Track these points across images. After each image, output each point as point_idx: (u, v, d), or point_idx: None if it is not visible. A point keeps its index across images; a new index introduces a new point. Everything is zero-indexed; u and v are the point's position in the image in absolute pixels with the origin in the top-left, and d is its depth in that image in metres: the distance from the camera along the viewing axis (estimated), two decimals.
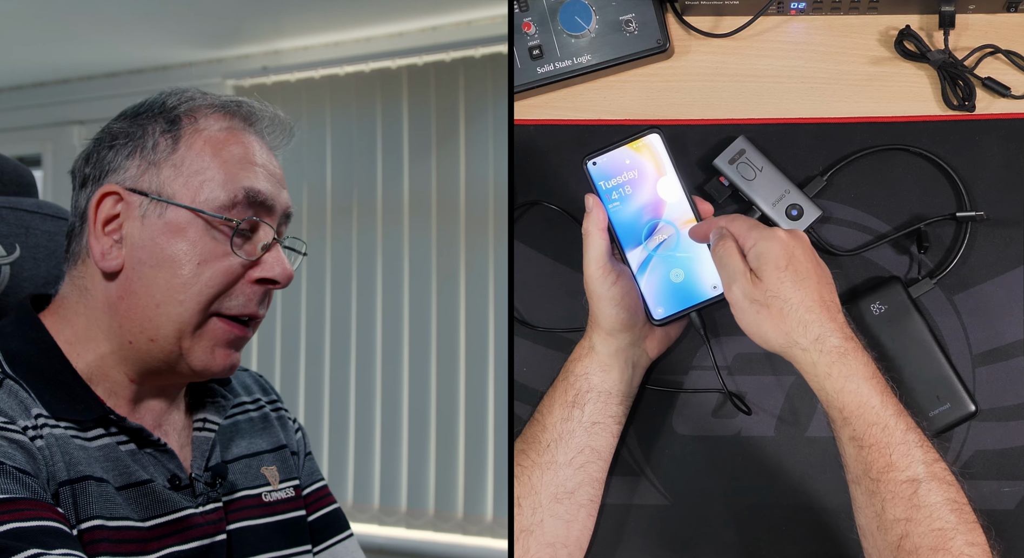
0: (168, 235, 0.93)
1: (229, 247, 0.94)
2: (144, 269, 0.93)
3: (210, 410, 1.03)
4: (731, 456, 1.14)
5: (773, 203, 1.14)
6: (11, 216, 1.04)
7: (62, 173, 3.41)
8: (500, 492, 2.71)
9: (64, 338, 0.95)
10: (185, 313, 0.93)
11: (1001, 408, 1.13)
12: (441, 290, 2.81)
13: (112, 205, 0.94)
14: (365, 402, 2.90)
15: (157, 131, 0.95)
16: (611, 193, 1.07)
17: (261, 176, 0.96)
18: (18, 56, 3.15)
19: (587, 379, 1.08)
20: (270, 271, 0.96)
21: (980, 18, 1.18)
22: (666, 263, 1.06)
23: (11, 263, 1.02)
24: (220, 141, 0.95)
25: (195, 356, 0.95)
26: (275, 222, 0.98)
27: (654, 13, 1.18)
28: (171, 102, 0.97)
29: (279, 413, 1.13)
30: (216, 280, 0.93)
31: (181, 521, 0.94)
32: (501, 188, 2.73)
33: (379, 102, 2.91)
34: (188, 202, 0.93)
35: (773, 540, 1.13)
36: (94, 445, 0.91)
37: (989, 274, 1.14)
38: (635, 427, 1.15)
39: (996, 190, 1.15)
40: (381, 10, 2.75)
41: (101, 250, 0.94)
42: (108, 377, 0.95)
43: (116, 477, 0.91)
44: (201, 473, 0.98)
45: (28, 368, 0.92)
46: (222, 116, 0.97)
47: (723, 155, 1.15)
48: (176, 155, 0.94)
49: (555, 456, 1.07)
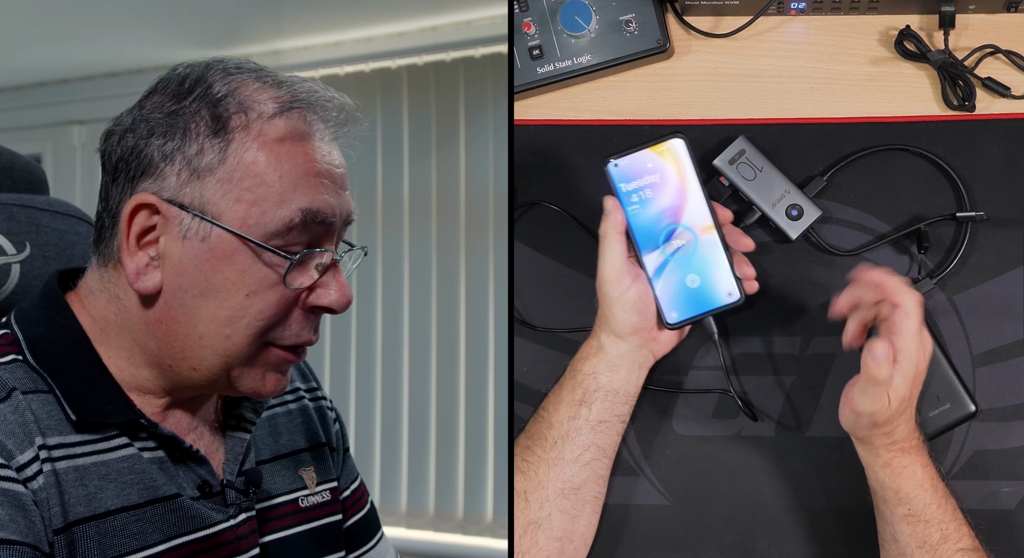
0: (213, 261, 0.82)
1: (282, 277, 0.83)
2: (186, 297, 0.83)
3: (246, 407, 0.94)
4: (731, 456, 1.14)
5: (773, 203, 1.14)
6: (22, 213, 1.01)
7: (62, 173, 3.42)
8: (500, 492, 2.71)
9: (93, 333, 0.86)
10: (233, 347, 0.84)
11: (1001, 408, 1.13)
12: (441, 290, 2.81)
13: (147, 217, 0.83)
14: (365, 402, 2.90)
15: (203, 131, 0.82)
16: (631, 195, 1.06)
17: (322, 189, 0.84)
18: (18, 56, 3.15)
19: (595, 378, 1.08)
20: (326, 298, 0.86)
21: (980, 18, 1.18)
22: (683, 268, 1.07)
23: (21, 261, 1.00)
24: (277, 151, 0.83)
25: (244, 383, 0.87)
26: (334, 238, 0.87)
27: (654, 13, 1.18)
28: (219, 90, 0.83)
29: (318, 403, 1.05)
30: (267, 312, 0.84)
31: (208, 539, 0.86)
32: (501, 188, 2.73)
33: (379, 102, 2.91)
34: (237, 225, 0.82)
35: (773, 540, 1.13)
36: (114, 457, 0.83)
37: (989, 274, 1.14)
38: (635, 427, 1.15)
39: (996, 190, 1.15)
40: (381, 10, 2.75)
41: (136, 268, 0.83)
42: (140, 386, 0.87)
43: (140, 492, 0.83)
44: (234, 479, 0.90)
45: (54, 360, 0.84)
46: (281, 119, 0.84)
47: (723, 155, 1.15)
48: (224, 166, 0.82)
49: (562, 452, 1.07)
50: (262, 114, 0.83)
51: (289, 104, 0.85)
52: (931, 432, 1.10)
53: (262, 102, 0.84)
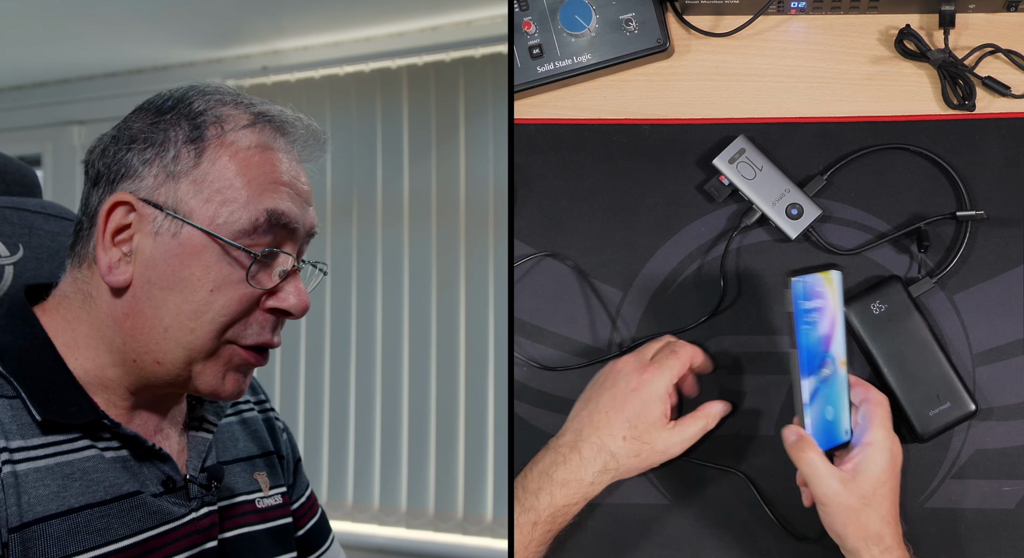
0: (181, 257, 0.87)
1: (245, 275, 0.88)
2: (154, 290, 0.88)
3: (208, 410, 1.00)
4: (731, 456, 1.14)
5: (773, 202, 1.14)
6: (15, 216, 1.03)
7: (62, 173, 3.42)
8: (500, 492, 2.71)
9: (63, 340, 0.91)
10: (196, 341, 0.88)
11: (1001, 408, 1.13)
12: (441, 290, 2.81)
13: (124, 215, 0.88)
14: (365, 402, 2.90)
15: (180, 139, 0.89)
16: (806, 314, 1.03)
17: (287, 196, 0.90)
18: (18, 56, 3.15)
19: (573, 517, 1.08)
20: (285, 302, 0.91)
21: (980, 17, 1.18)
22: (825, 398, 1.05)
23: (14, 263, 1.01)
24: (246, 158, 0.89)
25: (204, 380, 0.91)
26: (296, 246, 0.92)
27: (654, 12, 1.18)
28: (198, 105, 0.90)
29: (267, 414, 1.11)
30: (230, 308, 0.88)
31: (170, 533, 0.90)
32: (501, 188, 2.73)
33: (379, 102, 2.91)
34: (206, 223, 0.87)
35: (773, 540, 1.13)
36: (78, 457, 0.86)
37: (989, 274, 1.14)
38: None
39: (996, 190, 1.15)
40: (381, 10, 2.75)
41: (108, 263, 0.88)
42: (107, 387, 0.91)
43: (105, 490, 0.86)
44: (197, 474, 0.95)
45: (19, 365, 0.87)
46: (252, 131, 0.90)
47: (723, 154, 1.15)
48: (198, 170, 0.88)
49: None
50: (235, 127, 0.90)
51: (258, 119, 0.91)
52: (931, 431, 1.10)
53: (235, 117, 0.91)
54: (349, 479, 2.90)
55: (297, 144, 0.94)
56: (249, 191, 0.88)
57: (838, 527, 1.00)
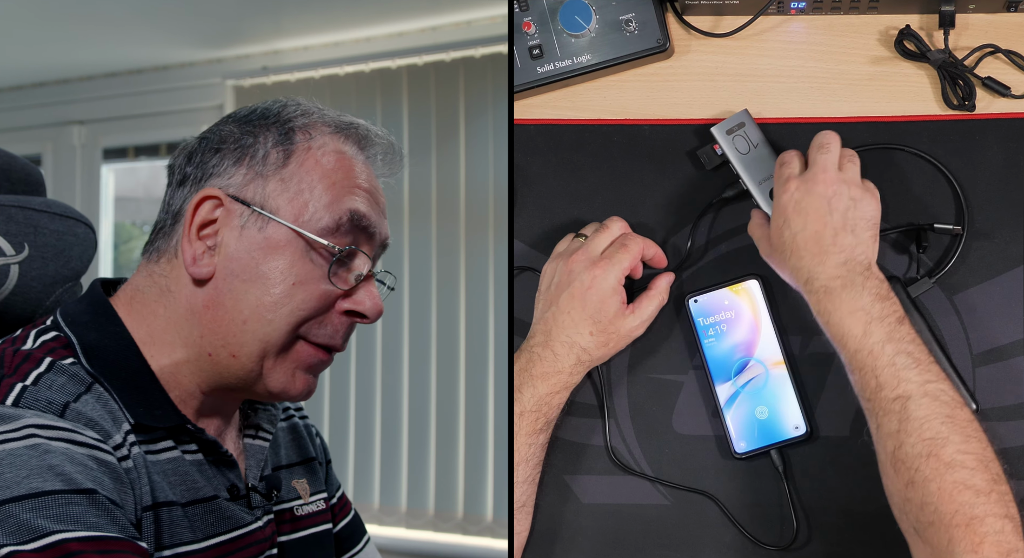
0: (266, 251, 0.89)
1: (326, 272, 0.90)
2: (236, 282, 0.89)
3: (263, 417, 1.01)
4: (732, 456, 1.14)
5: (760, 181, 1.14)
6: (20, 215, 1.02)
7: (62, 173, 3.42)
8: (500, 492, 2.71)
9: (138, 336, 0.91)
10: (272, 333, 0.89)
11: (1001, 408, 1.13)
12: (441, 290, 2.81)
13: (211, 210, 0.90)
14: (365, 402, 2.90)
15: (269, 142, 0.92)
16: (708, 329, 1.15)
17: (367, 201, 0.93)
18: (18, 56, 3.16)
19: (559, 407, 1.11)
20: (362, 305, 0.92)
21: (980, 18, 1.18)
22: (753, 400, 1.13)
23: (20, 262, 1.00)
24: (331, 163, 0.92)
25: (274, 378, 0.91)
26: (373, 251, 0.94)
27: (654, 13, 1.18)
28: (287, 113, 0.94)
29: (304, 421, 1.12)
30: (309, 304, 0.90)
31: (241, 539, 0.92)
32: (501, 188, 2.73)
33: (379, 102, 2.91)
34: (291, 220, 0.89)
35: (773, 540, 1.13)
36: (163, 458, 0.88)
37: (989, 274, 1.14)
38: (635, 427, 1.15)
39: (996, 190, 1.15)
40: (381, 10, 2.75)
41: (193, 255, 0.90)
42: (180, 384, 0.91)
43: (184, 493, 0.88)
44: (257, 483, 0.96)
45: (107, 365, 0.88)
46: (337, 137, 0.94)
47: (722, 124, 1.15)
48: (286, 170, 0.91)
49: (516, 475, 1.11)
50: (324, 136, 0.93)
51: (344, 128, 0.95)
52: None
53: (322, 126, 0.94)
54: (349, 479, 2.90)
55: (377, 157, 0.97)
56: (333, 193, 0.91)
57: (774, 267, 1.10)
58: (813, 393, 1.14)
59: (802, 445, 1.13)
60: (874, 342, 1.00)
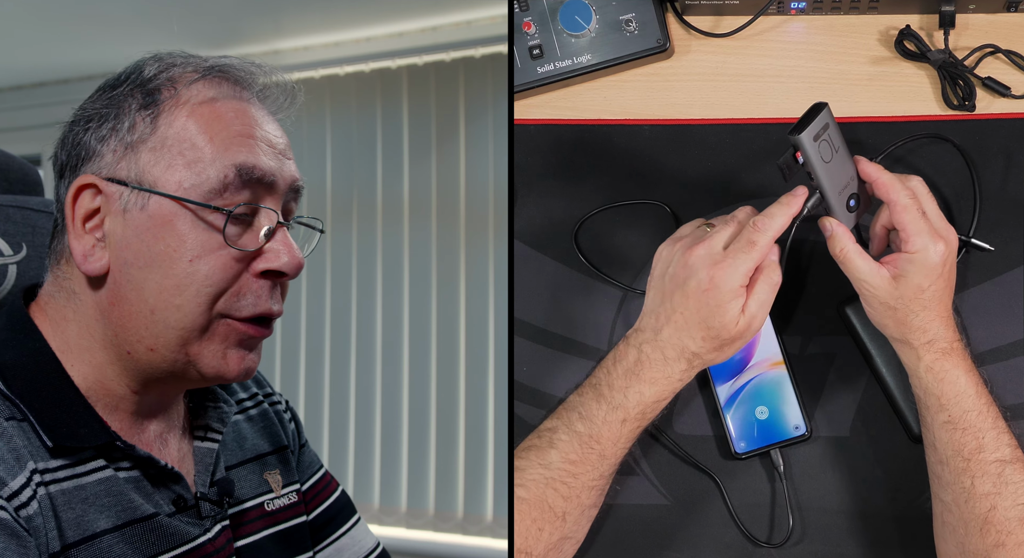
0: (154, 229, 0.81)
1: (223, 237, 0.82)
2: (132, 271, 0.82)
3: (212, 416, 0.94)
4: (732, 456, 1.14)
5: (840, 190, 1.01)
6: (18, 215, 1.01)
7: None
8: (500, 492, 2.71)
9: (56, 346, 0.85)
10: (185, 318, 0.82)
11: (1001, 408, 1.12)
12: (441, 290, 2.81)
13: (91, 199, 0.83)
14: (365, 402, 2.90)
15: (134, 108, 0.83)
16: None
17: (256, 148, 0.83)
18: (18, 56, 3.15)
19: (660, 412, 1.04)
20: (275, 261, 0.84)
21: (980, 18, 1.18)
22: (753, 400, 1.13)
23: (17, 262, 0.99)
24: (206, 113, 0.83)
25: (205, 362, 0.84)
26: (279, 201, 0.85)
27: (654, 13, 1.18)
28: (149, 71, 0.85)
29: (275, 407, 1.05)
30: (214, 277, 0.82)
31: (188, 554, 0.86)
32: (501, 188, 2.73)
33: (379, 102, 2.91)
34: (172, 190, 0.81)
35: (773, 540, 1.13)
36: (91, 480, 0.82)
37: (989, 274, 1.14)
38: None
39: (996, 190, 1.15)
40: (381, 10, 2.75)
41: (83, 251, 0.83)
42: (108, 391, 0.85)
43: (118, 514, 0.82)
44: (206, 490, 0.90)
45: (26, 385, 0.82)
46: (207, 82, 0.84)
47: (809, 129, 0.97)
48: (156, 135, 0.82)
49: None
50: (192, 85, 0.84)
51: (211, 71, 0.85)
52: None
53: (187, 73, 0.85)
54: (349, 479, 2.90)
55: (262, 94, 0.88)
56: (214, 147, 0.82)
57: (878, 318, 1.02)
58: (813, 393, 1.14)
59: (802, 445, 1.13)
60: (984, 403, 1.00)
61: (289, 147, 0.87)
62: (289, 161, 0.87)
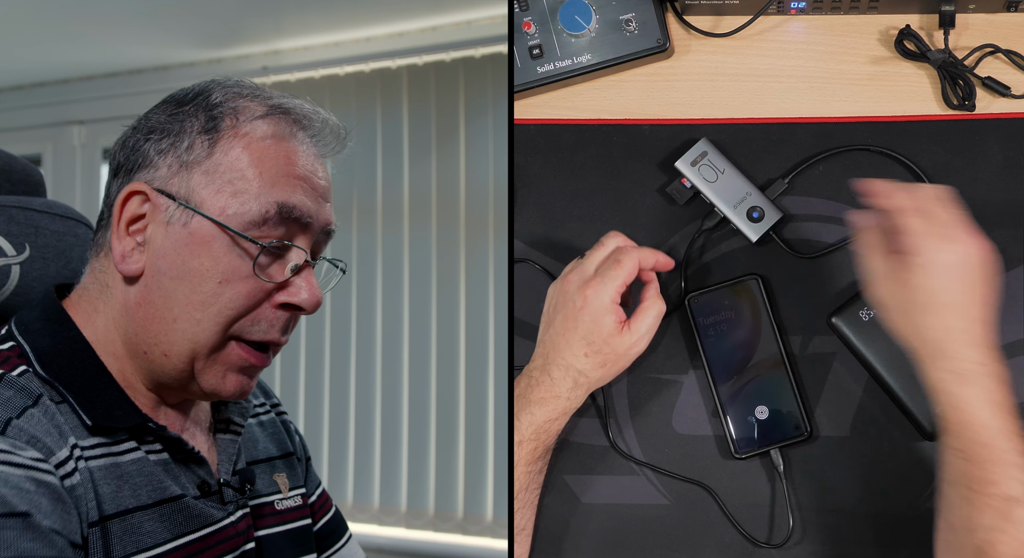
0: (191, 246, 0.86)
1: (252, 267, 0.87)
2: (164, 279, 0.87)
3: (233, 411, 0.99)
4: (732, 456, 1.14)
5: (734, 205, 1.15)
6: (21, 216, 1.02)
7: (62, 173, 3.42)
8: (500, 492, 2.71)
9: (90, 337, 0.90)
10: (201, 333, 0.87)
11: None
12: (441, 290, 2.81)
13: (139, 205, 0.88)
14: (365, 402, 2.90)
15: (195, 129, 0.88)
16: (708, 329, 1.14)
17: (301, 190, 0.89)
18: (18, 56, 3.15)
19: (558, 434, 1.09)
20: (296, 296, 0.89)
21: (980, 18, 1.18)
22: (753, 400, 1.13)
23: (20, 263, 1.01)
24: (260, 149, 0.88)
25: (205, 379, 0.89)
26: (310, 241, 0.91)
27: (654, 12, 1.18)
28: (216, 97, 0.90)
29: (282, 417, 1.11)
30: (237, 302, 0.87)
31: (211, 536, 0.90)
32: (501, 188, 2.73)
33: (379, 102, 2.91)
34: (216, 214, 0.86)
35: (772, 540, 1.13)
36: (126, 459, 0.86)
37: None
38: (635, 427, 1.15)
39: (996, 190, 1.15)
40: (381, 10, 2.75)
41: (122, 251, 0.88)
42: (130, 384, 0.90)
43: (150, 493, 0.87)
44: (229, 478, 0.95)
45: (62, 370, 0.87)
46: (267, 121, 0.89)
47: (685, 157, 1.16)
48: (211, 160, 0.87)
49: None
50: (249, 117, 0.89)
51: (274, 110, 0.90)
52: (933, 431, 1.10)
53: (251, 108, 0.90)
54: (349, 479, 2.90)
55: (316, 138, 0.93)
56: (261, 182, 0.87)
57: (893, 325, 0.99)
58: (813, 393, 1.14)
59: (802, 445, 1.13)
60: (1003, 436, 0.94)
61: (330, 191, 0.93)
62: (327, 204, 0.92)
